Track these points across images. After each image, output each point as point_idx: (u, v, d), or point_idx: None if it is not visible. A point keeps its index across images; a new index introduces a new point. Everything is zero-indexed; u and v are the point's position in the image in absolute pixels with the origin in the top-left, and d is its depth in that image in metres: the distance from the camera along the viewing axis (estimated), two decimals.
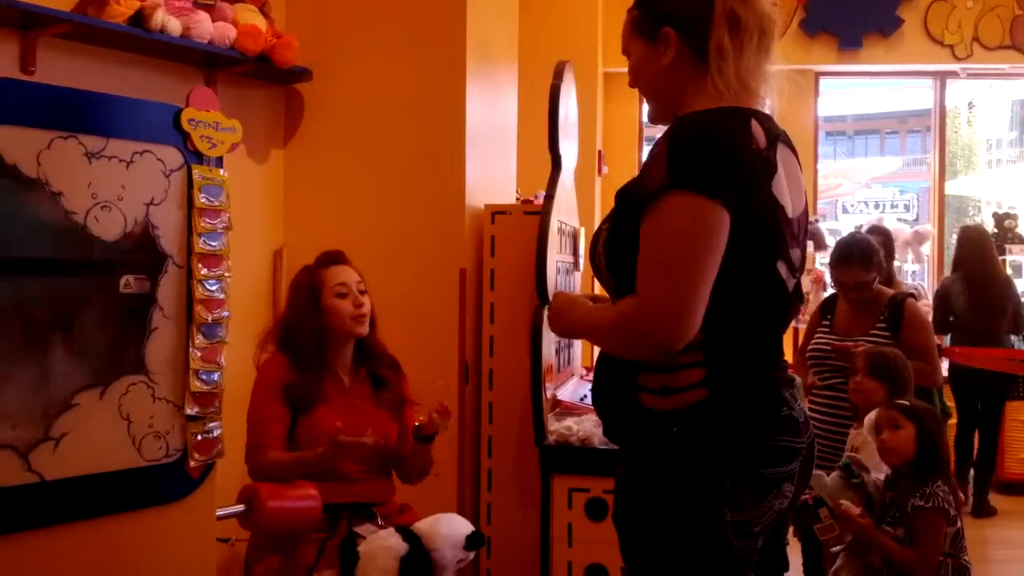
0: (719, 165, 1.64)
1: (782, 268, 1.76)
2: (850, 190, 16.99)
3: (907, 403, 2.92)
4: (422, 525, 2.57)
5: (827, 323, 3.76)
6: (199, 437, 2.33)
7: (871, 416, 2.95)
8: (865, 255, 3.68)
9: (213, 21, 3.20)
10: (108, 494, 2.17)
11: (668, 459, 1.73)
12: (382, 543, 2.50)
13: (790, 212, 1.77)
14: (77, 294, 2.13)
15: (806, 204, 1.87)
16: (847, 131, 23.04)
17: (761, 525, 1.74)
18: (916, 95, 15.41)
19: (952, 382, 5.83)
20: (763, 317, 1.77)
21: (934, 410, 2.99)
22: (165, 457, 2.28)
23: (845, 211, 15.78)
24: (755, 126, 1.73)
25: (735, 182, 1.64)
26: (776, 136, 1.78)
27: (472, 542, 2.59)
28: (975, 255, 6.10)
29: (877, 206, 16.74)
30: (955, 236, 6.61)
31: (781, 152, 1.78)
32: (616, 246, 1.77)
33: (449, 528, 2.56)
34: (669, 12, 1.81)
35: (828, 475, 2.90)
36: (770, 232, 1.72)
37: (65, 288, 2.10)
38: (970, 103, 16.83)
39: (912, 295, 3.97)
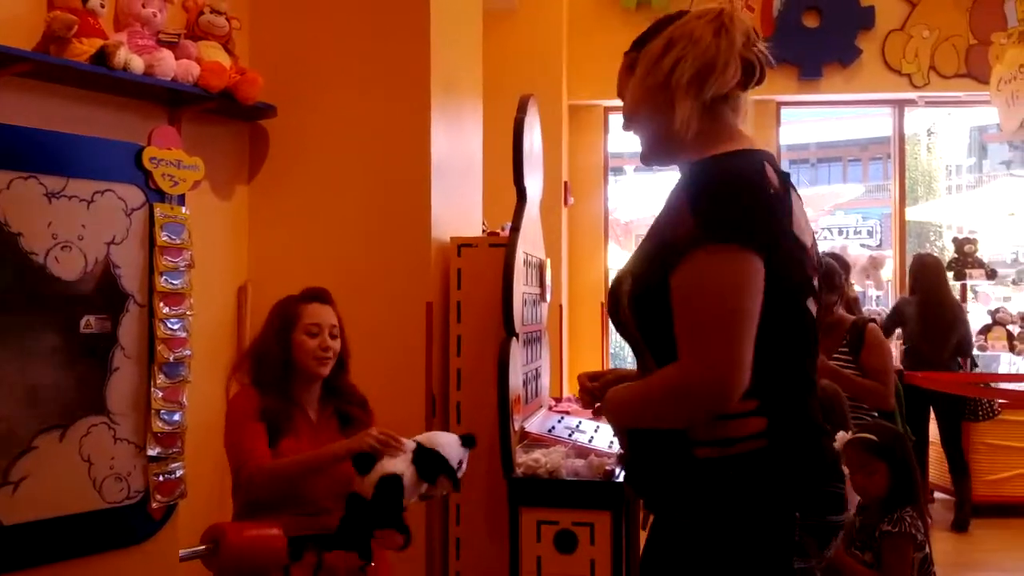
0: (749, 213, 1.61)
1: (811, 304, 1.74)
2: (814, 217, 17.20)
3: (874, 439, 2.90)
4: (418, 437, 2.71)
5: None
6: (161, 478, 2.30)
7: (841, 446, 2.96)
8: (828, 277, 3.74)
9: (176, 58, 3.20)
10: (69, 538, 2.14)
11: (733, 510, 1.67)
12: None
13: (808, 244, 1.75)
14: (37, 334, 2.10)
15: (814, 234, 1.84)
16: (810, 159, 23.35)
17: (819, 572, 1.74)
18: (877, 123, 15.68)
19: (907, 404, 5.96)
20: (804, 357, 1.74)
21: (901, 436, 3.00)
22: (127, 499, 2.25)
23: None
24: (768, 168, 1.69)
25: (765, 228, 1.62)
26: (785, 175, 1.74)
27: (467, 441, 2.73)
28: (930, 282, 6.38)
29: (840, 232, 16.97)
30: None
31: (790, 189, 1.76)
32: (644, 302, 1.73)
33: (443, 436, 2.74)
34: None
35: None
36: (797, 272, 1.70)
37: (25, 328, 2.07)
38: (929, 130, 17.13)
39: (874, 320, 4.02)
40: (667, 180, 2.06)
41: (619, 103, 1.88)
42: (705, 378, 1.58)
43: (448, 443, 2.68)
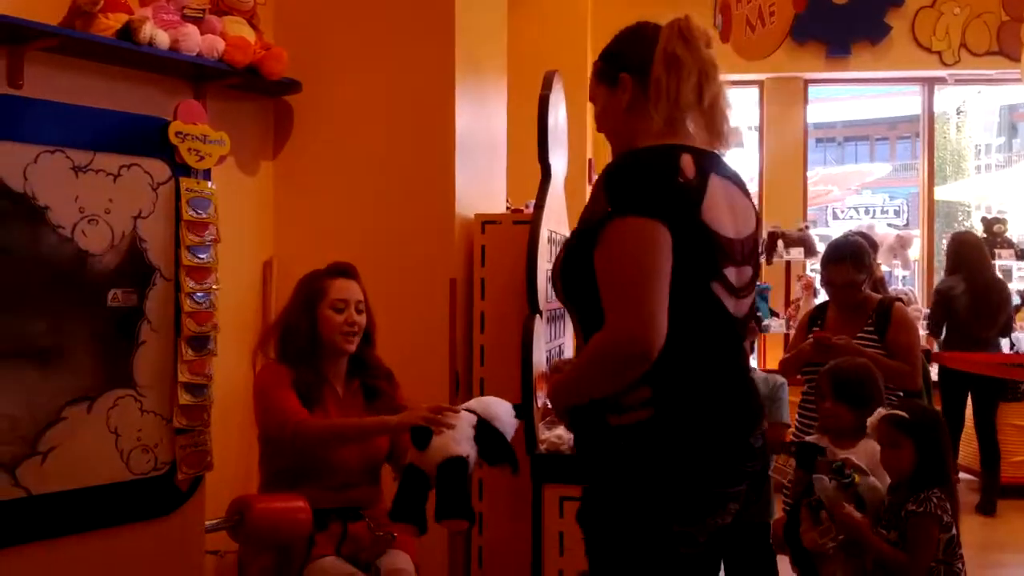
0: (650, 191, 1.81)
1: (718, 288, 1.86)
2: (840, 196, 17.05)
3: (903, 416, 2.88)
4: (472, 405, 2.65)
5: (817, 330, 3.76)
6: (188, 450, 2.32)
7: (873, 419, 2.94)
8: (856, 255, 3.69)
9: (201, 34, 3.19)
10: (96, 508, 2.17)
11: (625, 473, 1.86)
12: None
13: (731, 235, 1.89)
14: (64, 308, 2.12)
15: (756, 228, 1.99)
16: (837, 138, 23.11)
17: (706, 536, 1.87)
18: (905, 101, 15.49)
19: (941, 385, 5.89)
20: (703, 337, 1.87)
21: (935, 417, 2.95)
22: (153, 470, 2.27)
23: (835, 217, 15.82)
24: (685, 159, 1.85)
25: (665, 205, 1.80)
26: (708, 169, 1.89)
27: (520, 411, 2.70)
28: (975, 260, 6.20)
29: (867, 212, 16.81)
30: (945, 242, 6.66)
31: (717, 182, 1.89)
32: (570, 278, 1.93)
33: (498, 404, 2.66)
34: (626, 59, 1.99)
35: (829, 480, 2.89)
36: (700, 254, 1.83)
37: (52, 302, 2.09)
38: (958, 109, 16.90)
39: (900, 300, 3.97)
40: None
41: None
42: (624, 335, 1.75)
43: (506, 417, 2.60)
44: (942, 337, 6.27)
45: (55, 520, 2.10)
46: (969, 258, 6.20)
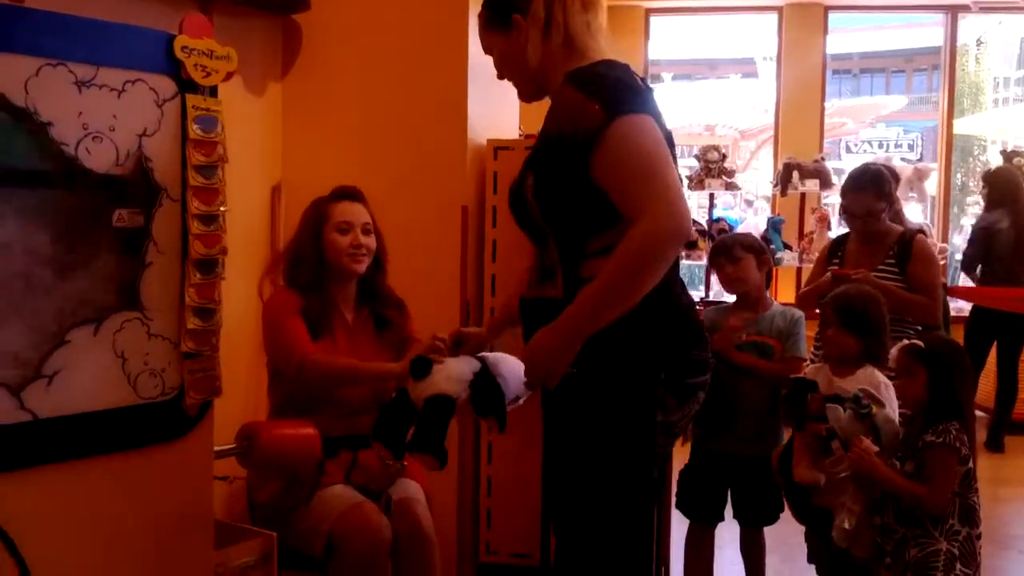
0: (637, 93, 1.95)
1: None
2: (854, 129, 16.83)
3: (919, 344, 2.85)
4: (487, 355, 2.53)
5: (836, 263, 3.70)
6: (196, 375, 2.28)
7: (893, 351, 2.91)
8: (877, 183, 3.61)
9: None
10: (103, 433, 2.14)
11: (610, 365, 1.98)
12: (459, 359, 2.44)
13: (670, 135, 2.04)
14: (68, 228, 2.06)
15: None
16: (852, 69, 22.77)
17: (679, 427, 2.11)
18: (922, 33, 15.18)
19: (970, 321, 5.82)
20: None
21: (955, 351, 2.90)
22: (161, 395, 2.24)
23: (849, 151, 15.63)
24: (631, 69, 2.02)
25: (648, 106, 1.96)
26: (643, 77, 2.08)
27: (532, 385, 2.54)
28: (1018, 195, 6.02)
29: (881, 145, 16.59)
30: (960, 176, 6.51)
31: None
32: (550, 196, 1.99)
33: (511, 365, 2.52)
34: (512, 2, 2.08)
35: (844, 409, 2.86)
36: (672, 149, 1.98)
37: (56, 221, 2.04)
38: (979, 40, 16.57)
39: (922, 231, 3.90)
40: (707, 89, 2.67)
41: (665, 3, 2.06)
42: (671, 220, 1.83)
43: (512, 375, 2.45)
44: (976, 274, 6.16)
45: (61, 445, 2.07)
46: (1012, 193, 6.02)
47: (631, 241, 1.84)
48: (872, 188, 3.60)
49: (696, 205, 8.13)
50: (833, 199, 6.95)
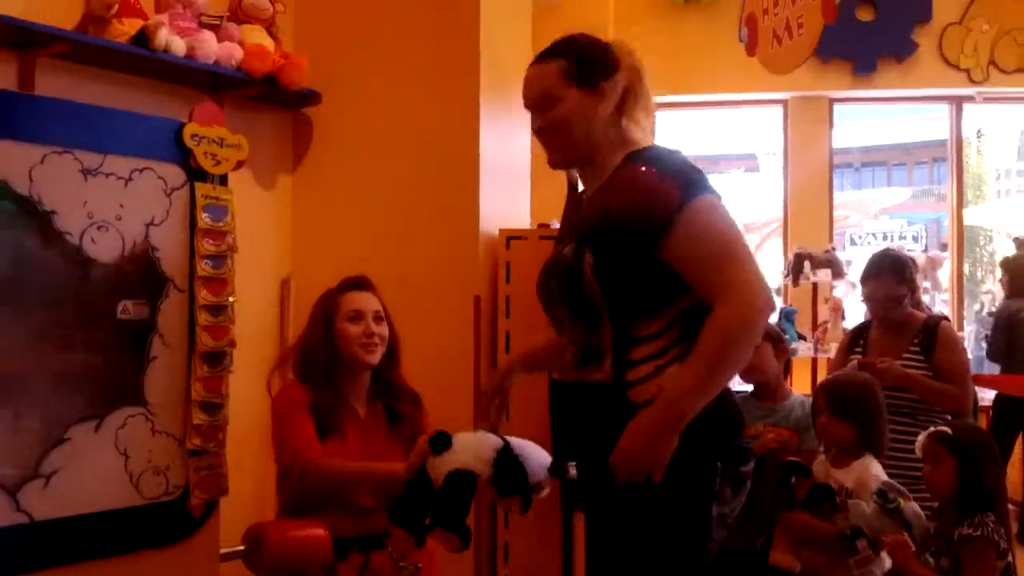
0: (704, 175, 1.99)
1: None
2: (858, 222, 16.92)
3: (947, 432, 2.76)
4: (510, 438, 2.40)
5: (859, 351, 3.61)
6: (202, 473, 2.20)
7: (921, 437, 2.81)
8: (897, 268, 3.56)
9: (219, 41, 3.11)
10: (103, 535, 2.06)
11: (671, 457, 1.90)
12: (479, 435, 2.32)
13: None
14: (71, 320, 2.01)
15: None
16: (854, 163, 23.04)
17: (732, 519, 2.02)
18: (923, 126, 15.37)
19: (994, 410, 5.74)
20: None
21: (985, 439, 2.82)
22: (165, 495, 2.16)
23: (853, 243, 15.69)
24: None
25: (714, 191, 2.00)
26: None
27: (555, 470, 2.41)
28: None
29: (886, 237, 16.66)
30: (967, 265, 6.52)
31: None
32: (613, 274, 1.95)
33: (534, 449, 2.43)
34: (602, 68, 2.05)
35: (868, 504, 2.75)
36: None
37: (58, 313, 1.98)
38: (979, 132, 16.78)
39: (946, 318, 3.83)
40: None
41: (668, 99, 2.14)
42: (758, 299, 1.87)
43: (536, 459, 2.38)
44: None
45: (59, 548, 1.98)
46: None
47: (726, 319, 1.86)
48: (893, 273, 3.54)
49: None
50: (841, 290, 6.90)
